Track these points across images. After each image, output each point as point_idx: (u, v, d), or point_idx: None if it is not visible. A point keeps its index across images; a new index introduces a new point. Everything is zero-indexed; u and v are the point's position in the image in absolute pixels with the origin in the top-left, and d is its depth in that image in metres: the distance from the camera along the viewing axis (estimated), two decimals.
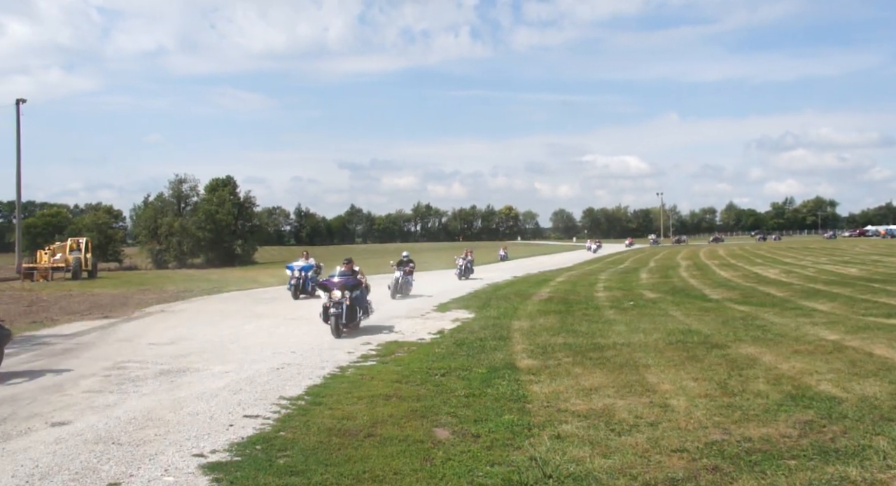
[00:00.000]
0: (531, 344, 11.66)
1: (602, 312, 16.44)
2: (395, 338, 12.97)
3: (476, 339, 12.39)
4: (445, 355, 10.82)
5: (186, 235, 71.47)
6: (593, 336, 12.41)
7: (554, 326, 13.97)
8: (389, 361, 10.49)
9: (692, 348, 10.87)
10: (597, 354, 10.54)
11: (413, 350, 11.41)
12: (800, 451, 5.78)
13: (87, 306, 20.42)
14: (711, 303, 18.15)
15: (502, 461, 5.68)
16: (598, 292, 22.21)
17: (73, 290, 28.54)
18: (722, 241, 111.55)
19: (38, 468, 5.76)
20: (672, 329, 12.98)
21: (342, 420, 6.97)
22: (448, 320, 15.70)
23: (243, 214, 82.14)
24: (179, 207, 78.40)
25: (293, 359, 10.84)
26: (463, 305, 18.90)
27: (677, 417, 6.85)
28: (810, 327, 12.89)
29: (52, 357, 11.52)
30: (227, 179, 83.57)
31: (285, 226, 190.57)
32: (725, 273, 31.15)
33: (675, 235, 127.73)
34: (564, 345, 11.47)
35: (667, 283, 26.02)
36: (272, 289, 27.20)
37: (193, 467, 5.73)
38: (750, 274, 30.08)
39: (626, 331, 12.95)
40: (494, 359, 10.29)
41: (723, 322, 13.94)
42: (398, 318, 16.26)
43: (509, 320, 15.17)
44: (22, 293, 26.97)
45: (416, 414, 7.17)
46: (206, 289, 27.08)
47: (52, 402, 8.13)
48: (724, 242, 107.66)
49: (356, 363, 10.35)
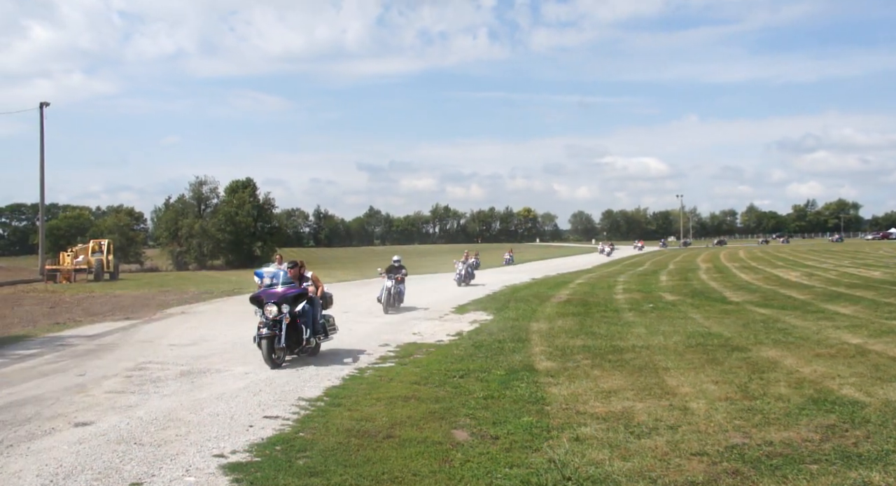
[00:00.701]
0: (550, 346, 11.63)
1: (621, 314, 16.36)
2: (413, 340, 12.98)
3: (494, 341, 12.38)
4: (464, 356, 10.82)
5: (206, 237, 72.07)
6: (612, 338, 12.36)
7: (573, 328, 13.92)
8: (408, 362, 10.50)
9: (712, 350, 10.80)
10: (616, 356, 10.49)
11: (431, 352, 11.42)
12: (822, 455, 5.72)
13: (109, 308, 20.65)
14: (732, 306, 18.01)
15: (521, 463, 5.67)
16: (617, 295, 22.10)
17: (95, 291, 28.87)
18: (725, 244, 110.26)
19: (62, 467, 5.84)
20: (692, 332, 12.90)
21: (361, 422, 7.00)
22: (466, 321, 15.70)
23: (263, 216, 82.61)
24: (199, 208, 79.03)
25: (312, 360, 10.87)
26: (481, 307, 18.89)
27: (697, 420, 6.80)
28: (832, 331, 12.75)
29: (75, 358, 11.66)
30: (246, 181, 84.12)
31: (304, 228, 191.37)
32: (746, 276, 30.87)
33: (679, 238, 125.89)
34: (583, 347, 11.43)
35: (686, 285, 25.84)
36: None
37: (214, 467, 5.78)
38: (771, 277, 29.80)
39: (646, 333, 12.88)
40: (513, 361, 10.28)
41: (743, 325, 13.82)
42: (416, 319, 16.27)
43: (528, 321, 15.14)
44: (45, 295, 27.33)
45: (434, 416, 7.17)
46: (226, 290, 27.28)
47: (75, 402, 8.24)
48: (725, 245, 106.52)
49: (375, 365, 10.37)
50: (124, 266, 57.59)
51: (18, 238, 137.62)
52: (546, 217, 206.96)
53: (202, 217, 76.53)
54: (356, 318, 16.75)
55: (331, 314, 12.18)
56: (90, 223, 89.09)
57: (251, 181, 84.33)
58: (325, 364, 10.50)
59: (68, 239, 66.84)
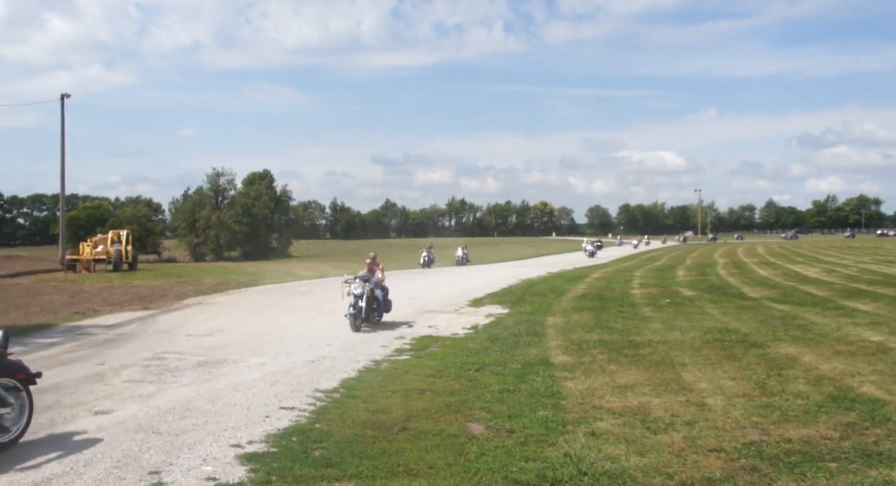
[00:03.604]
0: (566, 340, 11.61)
1: (638, 309, 16.29)
2: (429, 333, 13.00)
3: (510, 334, 12.37)
4: (479, 350, 10.83)
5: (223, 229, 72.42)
6: (629, 333, 12.31)
7: (589, 322, 13.88)
8: (423, 355, 10.53)
9: (730, 346, 10.73)
10: (632, 351, 10.45)
11: (447, 345, 11.44)
12: (841, 453, 5.67)
13: (128, 298, 20.84)
14: (750, 301, 17.87)
15: (536, 458, 5.67)
16: (633, 289, 21.99)
17: (114, 281, 29.14)
18: (715, 240, 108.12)
19: (83, 454, 5.91)
20: (709, 327, 12.82)
21: (377, 414, 7.02)
22: (482, 315, 15.69)
23: (279, 208, 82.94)
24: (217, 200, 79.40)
25: (328, 352, 10.94)
26: (497, 300, 18.87)
27: (714, 416, 6.77)
28: (852, 328, 12.62)
29: (95, 347, 11.78)
30: (263, 172, 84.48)
31: (320, 220, 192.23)
32: (764, 271, 30.61)
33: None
34: (599, 342, 11.40)
35: (704, 280, 25.66)
36: (308, 282, 27.44)
37: (231, 457, 5.82)
38: (790, 272, 29.52)
39: (662, 329, 12.82)
40: (529, 355, 10.28)
41: (761, 321, 13.71)
42: (431, 312, 16.29)
43: (543, 316, 15.11)
44: (66, 284, 27.64)
45: (450, 409, 7.19)
46: (242, 282, 27.44)
47: (94, 391, 8.33)
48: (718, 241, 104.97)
49: (390, 357, 10.41)
50: (142, 257, 58.06)
51: (39, 228, 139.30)
52: (562, 211, 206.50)
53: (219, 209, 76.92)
54: None
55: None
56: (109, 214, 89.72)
57: (268, 173, 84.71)
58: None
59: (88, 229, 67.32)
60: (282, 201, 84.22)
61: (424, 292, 22.09)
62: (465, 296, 20.24)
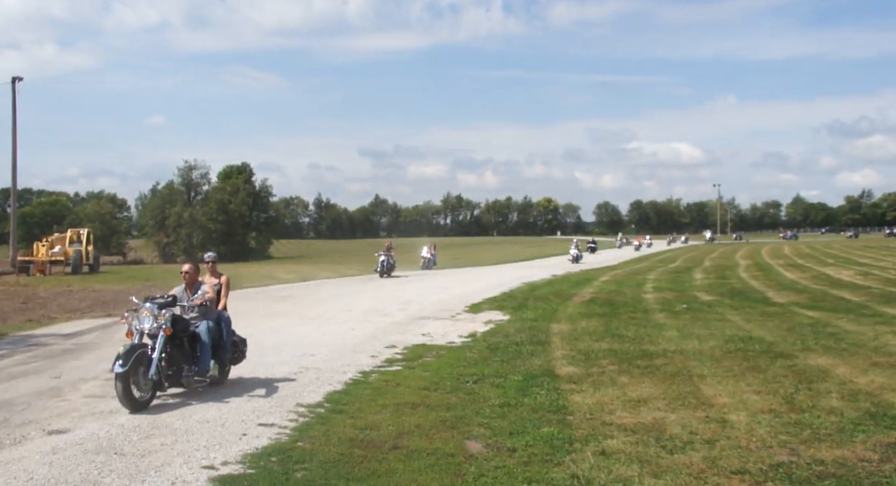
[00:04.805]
0: (572, 350, 11.60)
1: (651, 315, 16.30)
2: (422, 341, 12.98)
3: (511, 343, 12.36)
4: (478, 360, 10.82)
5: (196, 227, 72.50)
6: (641, 342, 12.31)
7: (597, 330, 13.88)
8: (416, 366, 10.50)
9: (753, 357, 10.72)
10: (645, 361, 10.45)
11: (442, 355, 11.42)
12: (882, 477, 5.64)
13: (89, 303, 20.75)
14: (775, 307, 17.89)
15: (541, 479, 5.64)
16: (646, 294, 22.02)
17: (72, 285, 29.04)
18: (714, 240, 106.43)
19: (34, 480, 5.84)
20: (730, 336, 12.82)
21: (365, 430, 6.98)
22: (480, 321, 15.68)
23: (258, 205, 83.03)
24: (189, 196, 79.45)
25: (312, 362, 10.89)
26: (497, 306, 18.87)
27: (737, 434, 6.74)
28: (892, 337, 12.61)
29: (50, 359, 11.71)
30: (241, 166, 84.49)
31: (303, 218, 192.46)
32: (791, 274, 30.69)
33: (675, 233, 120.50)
34: (609, 351, 11.40)
35: (724, 284, 25.71)
36: (289, 286, 27.42)
37: (203, 480, 5.77)
38: (820, 276, 29.59)
39: (679, 337, 12.82)
40: (532, 365, 10.26)
41: (788, 329, 13.72)
42: (425, 319, 16.27)
43: (548, 322, 15.11)
44: (17, 289, 27.52)
45: (445, 425, 7.16)
46: None
47: (49, 408, 8.26)
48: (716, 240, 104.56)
49: (380, 368, 10.37)
50: (105, 258, 57.92)
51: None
52: (568, 208, 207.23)
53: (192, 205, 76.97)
54: (359, 317, 16.76)
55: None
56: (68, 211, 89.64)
57: (246, 166, 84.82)
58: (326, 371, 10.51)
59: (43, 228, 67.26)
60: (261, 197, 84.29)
61: (418, 297, 22.06)
62: (461, 301, 20.22)
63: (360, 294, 23.02)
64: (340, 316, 16.99)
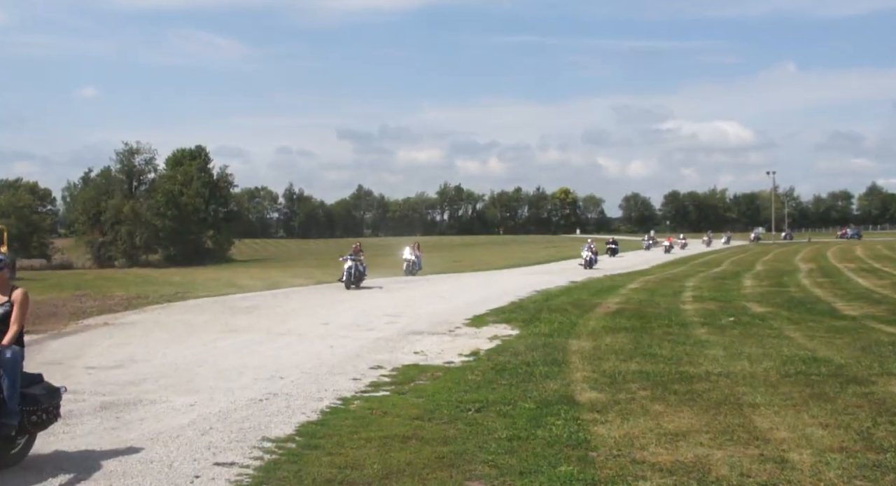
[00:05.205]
0: (595, 371, 11.61)
1: (691, 330, 16.31)
2: (415, 361, 12.97)
3: (521, 363, 12.37)
4: (481, 383, 10.82)
5: (140, 224, 72.45)
6: (679, 362, 12.32)
7: (625, 347, 13.90)
8: (407, 391, 10.50)
9: (819, 382, 10.71)
10: (684, 386, 10.44)
11: (438, 377, 11.43)
12: None
13: None
14: (846, 321, 17.90)
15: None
16: (684, 304, 22.04)
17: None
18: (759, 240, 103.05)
19: None
20: (789, 356, 12.82)
21: (345, 470, 6.97)
22: (484, 337, 15.69)
23: (216, 197, 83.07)
24: (131, 186, 79.39)
25: (281, 387, 10.87)
26: (504, 318, 18.87)
27: (800, 477, 6.73)
28: None
29: None
30: (195, 150, 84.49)
31: (272, 212, 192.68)
32: (865, 281, 30.73)
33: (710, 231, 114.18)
34: (640, 373, 11.40)
35: (781, 292, 25.74)
36: (255, 295, 27.39)
37: None
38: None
39: (725, 357, 12.82)
40: (546, 390, 10.26)
41: (863, 348, 13.72)
42: (418, 334, 16.26)
43: (565, 338, 15.13)
44: None
45: (442, 463, 7.15)
46: (166, 295, 27.34)
47: None
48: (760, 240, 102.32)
49: (364, 393, 10.36)
50: (24, 262, 57.80)
51: None
52: (589, 201, 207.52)
53: (134, 197, 76.91)
54: (339, 332, 16.76)
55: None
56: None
57: (202, 150, 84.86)
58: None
59: None
60: (219, 188, 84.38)
61: (409, 307, 22.05)
62: (461, 312, 20.24)
63: (339, 305, 22.98)
64: (316, 331, 16.97)
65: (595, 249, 48.16)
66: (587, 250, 45.98)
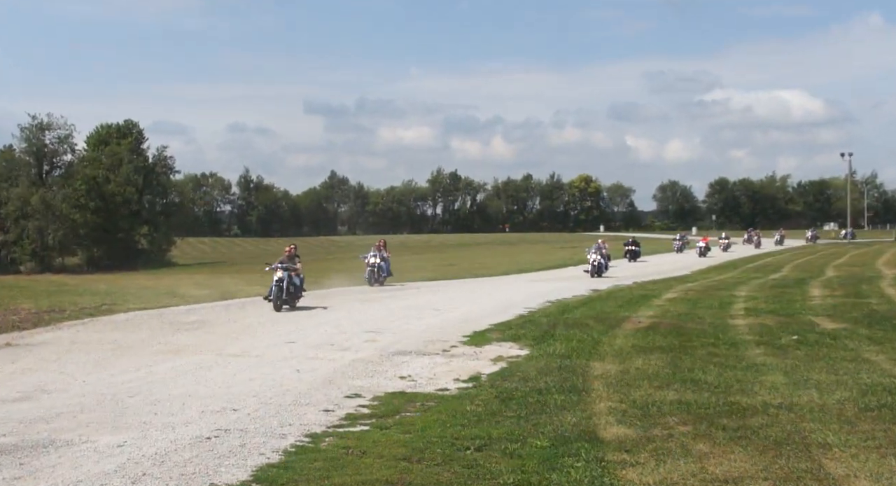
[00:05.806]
0: (623, 401, 11.65)
1: (743, 350, 16.32)
2: (401, 387, 13.01)
3: (532, 390, 12.41)
4: (483, 416, 10.85)
5: (54, 218, 72.19)
6: (728, 391, 12.34)
7: (661, 371, 13.93)
8: (392, 425, 10.53)
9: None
10: (735, 421, 10.47)
11: (430, 408, 11.48)
12: None
13: None
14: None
15: None
16: (733, 318, 22.04)
17: None
18: (817, 239, 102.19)
19: None
20: (870, 384, 12.81)
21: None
22: (486, 358, 15.73)
23: (152, 186, 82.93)
24: (41, 170, 79.08)
25: (234, 421, 10.90)
26: (510, 335, 18.88)
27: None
28: None
29: None
30: (124, 126, 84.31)
31: (223, 205, 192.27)
32: None
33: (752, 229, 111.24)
34: (679, 404, 11.43)
35: (858, 305, 25.70)
36: (201, 306, 27.34)
37: None
38: None
39: (787, 384, 12.84)
40: (563, 424, 10.29)
41: None
42: (405, 355, 16.28)
43: (586, 360, 15.18)
44: None
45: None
46: (88, 307, 27.27)
47: None
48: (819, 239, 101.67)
49: (338, 428, 10.40)
50: None
51: None
52: (616, 191, 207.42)
53: (45, 185, 76.63)
54: (307, 353, 16.76)
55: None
56: None
57: (133, 127, 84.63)
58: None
59: None
60: (156, 174, 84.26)
61: (392, 322, 22.06)
62: (458, 328, 20.30)
63: (307, 319, 22.96)
64: (279, 352, 16.98)
65: (607, 251, 47.01)
66: (595, 252, 44.08)
